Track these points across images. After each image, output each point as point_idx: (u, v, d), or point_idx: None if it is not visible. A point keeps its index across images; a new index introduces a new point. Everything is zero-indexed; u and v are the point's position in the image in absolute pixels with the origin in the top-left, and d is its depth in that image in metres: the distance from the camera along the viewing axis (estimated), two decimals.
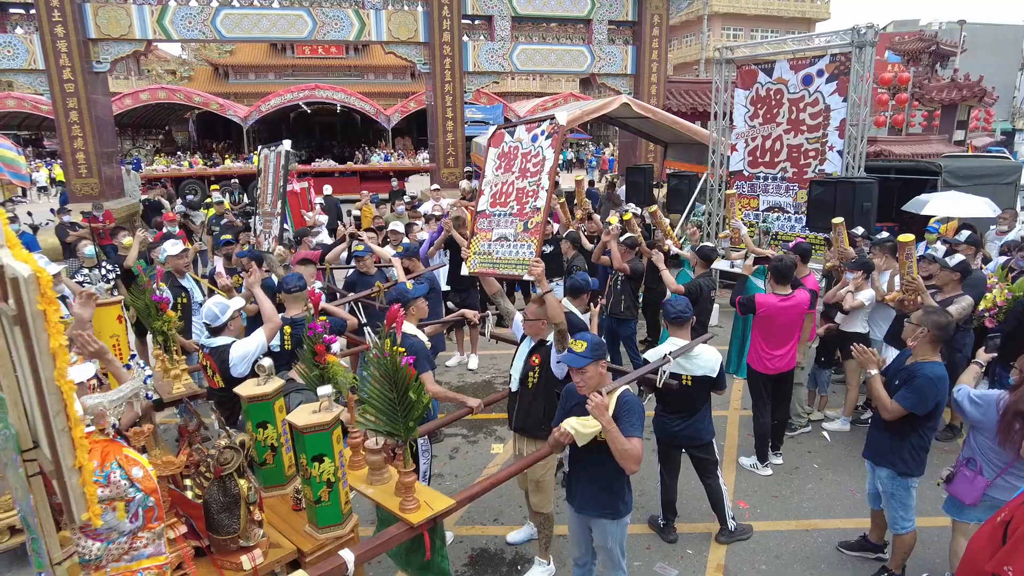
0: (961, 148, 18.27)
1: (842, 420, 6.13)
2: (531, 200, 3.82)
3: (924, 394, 3.62)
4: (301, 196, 10.58)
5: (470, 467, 5.56)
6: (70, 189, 14.19)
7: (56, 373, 1.81)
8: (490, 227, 4.09)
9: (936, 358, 3.73)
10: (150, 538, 2.40)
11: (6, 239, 1.86)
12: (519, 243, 3.89)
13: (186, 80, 37.94)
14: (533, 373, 3.96)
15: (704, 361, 4.18)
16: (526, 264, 3.76)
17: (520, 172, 3.91)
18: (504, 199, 4.00)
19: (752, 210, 10.21)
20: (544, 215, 3.75)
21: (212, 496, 2.66)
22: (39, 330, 1.77)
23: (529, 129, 3.90)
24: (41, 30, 13.15)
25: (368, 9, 14.61)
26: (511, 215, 3.95)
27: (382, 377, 2.96)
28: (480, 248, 4.16)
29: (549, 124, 3.76)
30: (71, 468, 1.89)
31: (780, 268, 5.09)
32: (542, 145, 3.79)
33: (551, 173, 3.72)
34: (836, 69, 8.87)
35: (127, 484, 2.30)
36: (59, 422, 1.84)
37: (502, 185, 4.02)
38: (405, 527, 3.02)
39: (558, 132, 3.71)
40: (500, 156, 4.06)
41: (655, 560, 4.33)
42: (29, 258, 1.82)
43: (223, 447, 2.65)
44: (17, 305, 1.75)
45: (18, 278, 1.73)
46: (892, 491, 3.89)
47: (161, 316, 4.78)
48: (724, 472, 5.24)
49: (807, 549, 4.44)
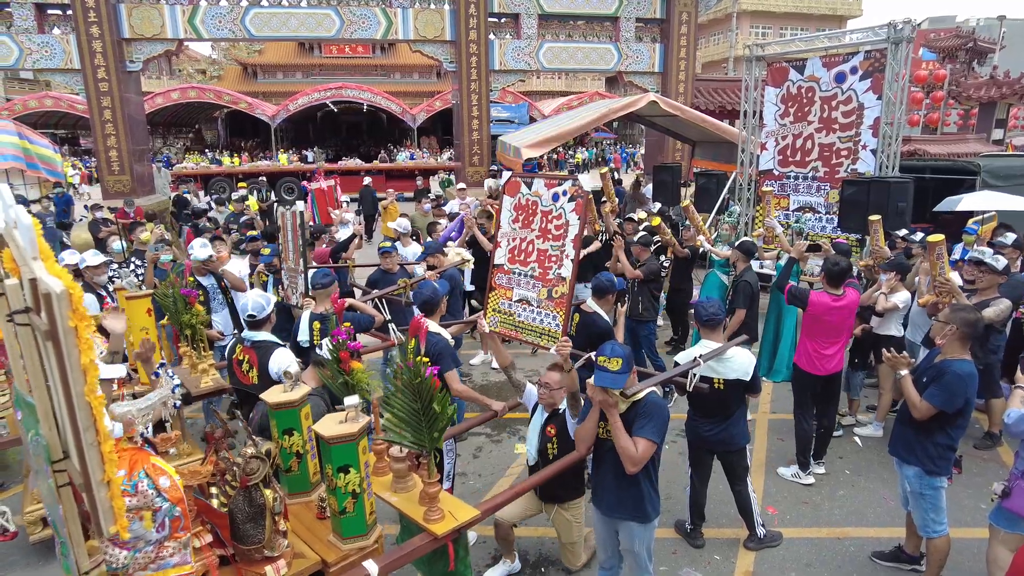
0: (1000, 147, 17.77)
1: (875, 425, 5.97)
2: (555, 267, 3.75)
3: (953, 391, 3.55)
4: (328, 194, 10.64)
5: (494, 466, 5.53)
6: (103, 186, 14.49)
7: (87, 388, 1.82)
8: (510, 284, 4.03)
9: (965, 356, 3.64)
10: (176, 547, 2.40)
11: (40, 251, 1.87)
12: (543, 311, 3.84)
13: (216, 79, 38.55)
14: (551, 444, 3.87)
15: (737, 364, 4.07)
16: (552, 336, 3.75)
17: (541, 232, 3.81)
18: (524, 257, 3.92)
19: (783, 210, 10.03)
20: (571, 287, 3.70)
21: (237, 506, 2.66)
22: (70, 346, 1.78)
23: (549, 185, 3.78)
24: (77, 30, 13.44)
25: (395, 7, 14.67)
26: (532, 277, 3.88)
27: (406, 388, 2.94)
28: (500, 307, 4.12)
29: (572, 186, 3.65)
30: (100, 482, 1.89)
31: (835, 272, 4.93)
32: (564, 207, 3.68)
33: (576, 242, 3.64)
34: (870, 66, 8.67)
35: (154, 494, 2.30)
36: (88, 436, 1.85)
37: (520, 241, 3.93)
38: (429, 538, 2.99)
39: (582, 197, 3.59)
40: (517, 208, 3.96)
41: (681, 565, 4.26)
42: (63, 273, 1.83)
43: (249, 456, 2.64)
44: (49, 320, 1.76)
45: (51, 293, 1.74)
46: (921, 491, 3.79)
47: (189, 310, 4.83)
48: (754, 477, 5.15)
49: (838, 558, 4.33)
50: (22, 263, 1.94)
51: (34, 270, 1.86)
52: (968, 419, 3.79)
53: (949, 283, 5.07)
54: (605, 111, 12.31)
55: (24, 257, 1.91)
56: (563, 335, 3.71)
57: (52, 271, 1.86)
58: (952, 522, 4.19)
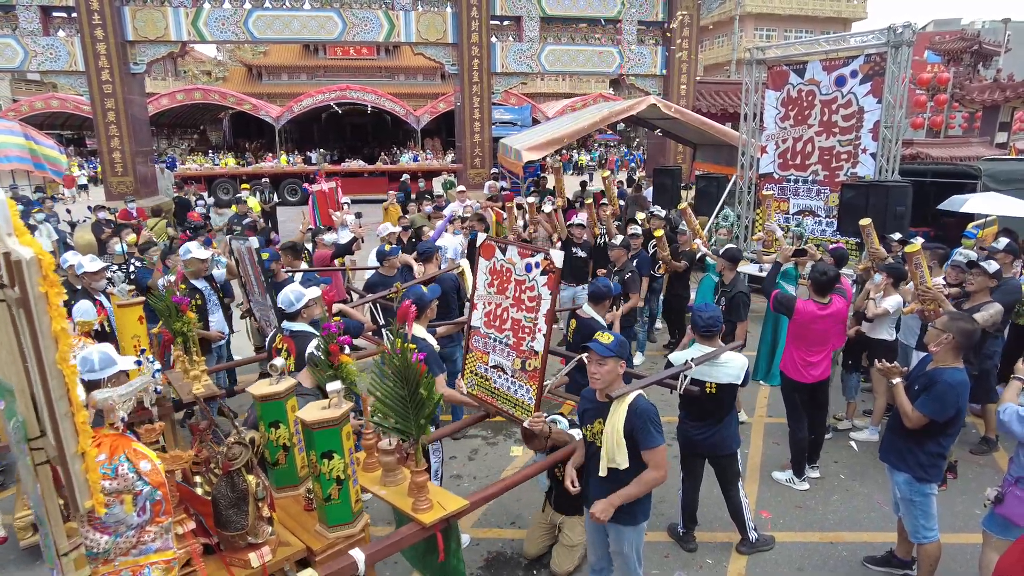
0: (1003, 151, 17.70)
1: (870, 430, 5.95)
2: (528, 338, 3.76)
3: (943, 400, 3.54)
4: (329, 195, 10.69)
5: (489, 468, 5.54)
6: (107, 186, 14.57)
7: (58, 356, 1.82)
8: (485, 349, 4.05)
9: (958, 364, 3.62)
10: (157, 532, 2.41)
11: (14, 228, 1.87)
12: (517, 382, 3.87)
13: (220, 81, 38.71)
14: (558, 467, 3.95)
15: (731, 368, 4.06)
16: (525, 408, 3.80)
17: (515, 300, 3.82)
18: (499, 323, 3.94)
19: (783, 213, 10.03)
20: (543, 362, 3.71)
21: (220, 492, 2.66)
22: (41, 312, 1.78)
23: (522, 254, 3.77)
24: (82, 33, 13.54)
25: (398, 10, 14.71)
26: (507, 345, 3.90)
27: (393, 374, 2.96)
28: (476, 369, 4.15)
29: (544, 259, 3.63)
30: (74, 454, 1.89)
31: (822, 281, 4.89)
32: (537, 280, 3.67)
33: (548, 317, 3.64)
34: (871, 70, 8.67)
35: (135, 477, 2.30)
36: (61, 406, 1.85)
37: (495, 307, 3.95)
38: (417, 527, 3.01)
39: (553, 272, 3.58)
40: (492, 272, 3.96)
41: (673, 569, 4.25)
42: (33, 242, 1.83)
43: (231, 443, 2.66)
44: (20, 288, 1.76)
45: (20, 260, 1.75)
46: (911, 497, 3.78)
47: (181, 317, 4.84)
48: (747, 481, 5.14)
49: (831, 562, 4.32)
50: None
51: (8, 244, 1.85)
52: (959, 427, 3.78)
53: (931, 291, 5.07)
54: (606, 114, 12.33)
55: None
56: (535, 410, 3.77)
57: (24, 242, 1.86)
58: (945, 528, 4.19)
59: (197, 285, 5.93)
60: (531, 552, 4.25)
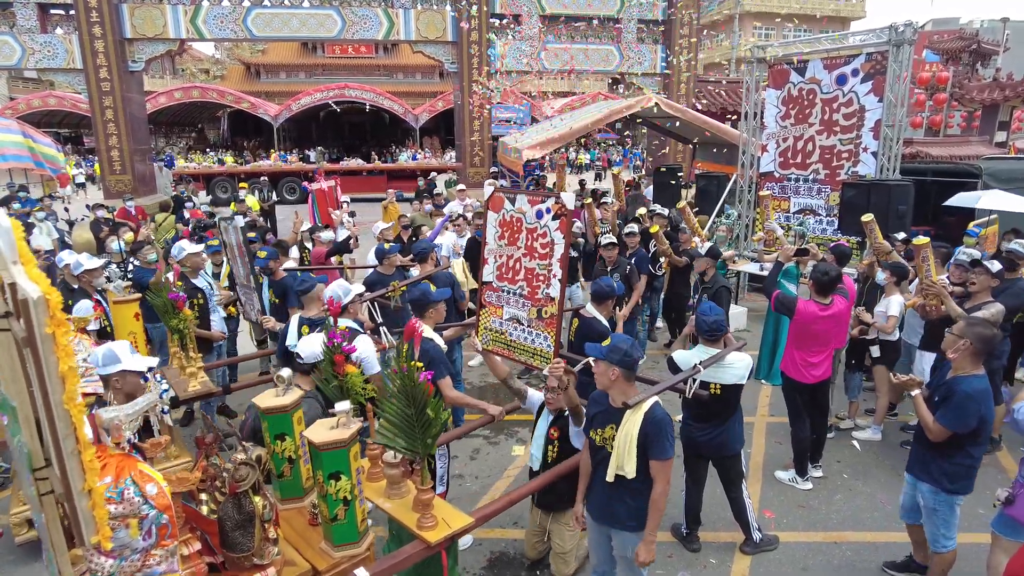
0: (1003, 150, 17.72)
1: (873, 429, 5.95)
2: (543, 286, 3.72)
3: (963, 411, 3.43)
4: (329, 194, 10.65)
5: (491, 468, 5.52)
6: (105, 185, 14.52)
7: (65, 396, 1.79)
8: (499, 303, 4.00)
9: (977, 371, 3.51)
10: (163, 556, 2.38)
11: (20, 255, 1.84)
12: (534, 331, 3.82)
13: (219, 79, 38.61)
14: (552, 447, 3.88)
15: (736, 369, 4.03)
16: (544, 356, 3.75)
17: (527, 249, 3.78)
18: (512, 275, 3.89)
19: (783, 212, 10.02)
20: (560, 307, 3.67)
21: (227, 513, 2.63)
22: (48, 353, 1.75)
23: (532, 202, 3.73)
24: (80, 30, 13.48)
25: (397, 8, 14.68)
26: (521, 296, 3.85)
27: (399, 393, 2.91)
28: (491, 324, 4.09)
29: (555, 203, 3.60)
30: (80, 491, 1.87)
31: (824, 281, 4.86)
32: (549, 226, 3.64)
33: (562, 261, 3.60)
34: (872, 68, 8.64)
35: (141, 501, 2.27)
36: (68, 445, 1.82)
37: (507, 258, 3.90)
38: (422, 546, 2.96)
39: (566, 215, 3.56)
40: (501, 224, 3.91)
41: (677, 569, 4.24)
42: (40, 277, 1.79)
43: (239, 462, 2.61)
44: (27, 327, 1.73)
45: (28, 299, 1.70)
46: (935, 507, 3.69)
47: (178, 314, 4.82)
48: (750, 480, 5.13)
49: (835, 562, 4.31)
50: (1, 267, 1.88)
51: (13, 274, 1.82)
52: (988, 435, 3.66)
53: (935, 286, 5.03)
54: (607, 113, 12.31)
55: (3, 261, 1.86)
56: (555, 355, 3.70)
57: (31, 276, 1.82)
58: None
59: (198, 284, 5.89)
60: (531, 555, 4.22)
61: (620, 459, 3.11)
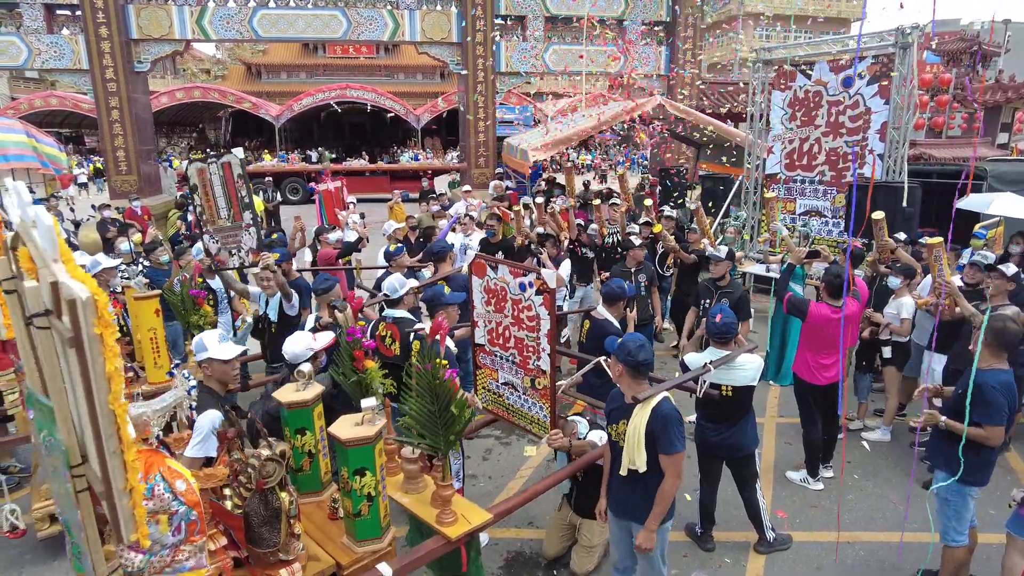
0: (1005, 151, 17.77)
1: (882, 430, 5.98)
2: (533, 358, 3.73)
3: (993, 403, 3.47)
4: (335, 195, 10.67)
5: (503, 468, 5.55)
6: (111, 185, 14.55)
7: (111, 397, 1.79)
8: (494, 366, 4.05)
9: (1001, 365, 3.57)
10: (192, 551, 2.40)
11: (61, 253, 1.85)
12: (529, 399, 3.87)
13: (220, 79, 38.59)
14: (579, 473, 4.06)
15: (747, 370, 4.07)
16: (542, 426, 3.84)
17: (514, 319, 3.77)
18: (503, 341, 3.91)
19: (789, 213, 10.05)
20: (552, 380, 3.70)
21: (253, 509, 2.65)
22: (95, 354, 1.75)
23: (514, 274, 3.71)
24: (86, 31, 13.49)
25: (402, 9, 14.70)
26: (514, 363, 3.88)
27: (423, 390, 2.94)
28: (488, 386, 4.15)
29: (536, 279, 3.57)
30: (121, 490, 1.88)
31: (836, 283, 4.89)
32: (533, 300, 3.62)
33: (550, 337, 3.62)
34: (878, 71, 8.68)
35: (171, 497, 2.30)
36: (111, 444, 1.83)
37: (496, 324, 3.91)
38: (442, 541, 3.01)
39: (548, 291, 3.55)
40: (486, 291, 3.91)
41: (692, 568, 4.28)
42: (86, 277, 1.79)
43: (265, 459, 2.63)
44: (73, 327, 1.71)
45: (76, 300, 1.69)
46: (948, 496, 3.71)
47: (198, 311, 4.85)
48: (763, 480, 5.15)
49: (848, 561, 4.34)
50: (42, 265, 1.90)
51: (55, 273, 1.82)
52: (1008, 429, 3.68)
53: (949, 285, 5.06)
54: (612, 114, 12.34)
55: (44, 258, 1.87)
56: (552, 427, 3.79)
57: (75, 275, 1.82)
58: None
59: (212, 285, 5.93)
60: (550, 553, 4.26)
61: (631, 453, 3.17)
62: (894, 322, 5.61)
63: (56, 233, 1.91)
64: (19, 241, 2.09)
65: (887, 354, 5.76)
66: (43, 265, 1.89)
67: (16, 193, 1.97)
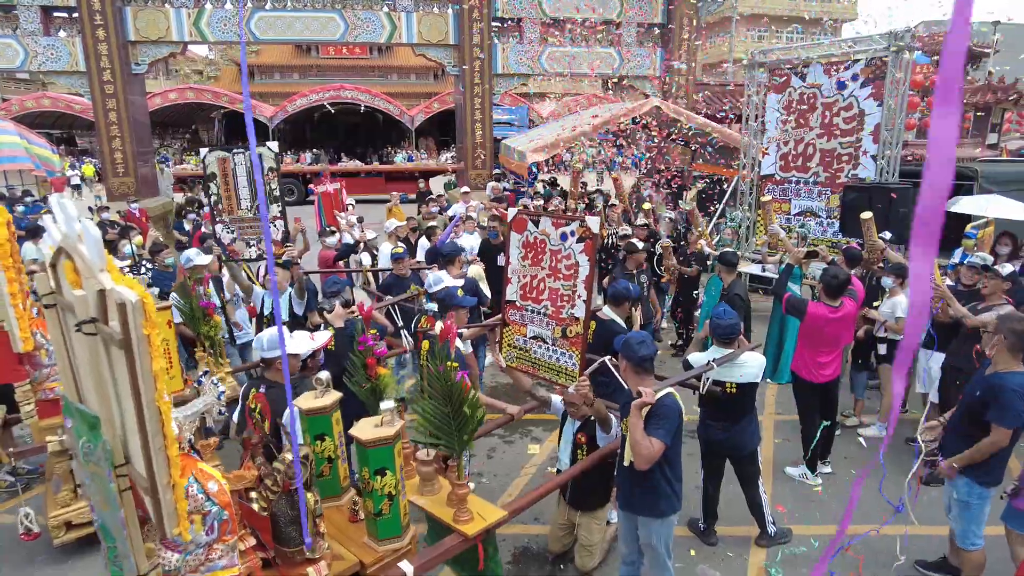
0: (995, 152, 17.98)
1: (878, 426, 6.11)
2: (567, 306, 3.80)
3: (1013, 407, 3.45)
4: (335, 196, 10.74)
5: (508, 467, 5.64)
6: (108, 187, 14.54)
7: (157, 395, 1.89)
8: (523, 321, 4.09)
9: (1018, 367, 3.54)
10: (224, 550, 2.50)
11: (106, 264, 1.95)
12: (559, 349, 3.91)
13: (212, 80, 38.46)
14: (581, 451, 4.04)
15: (750, 368, 4.19)
16: (570, 375, 3.85)
17: (551, 271, 3.84)
18: (536, 294, 3.97)
19: (784, 214, 10.19)
20: (585, 327, 3.76)
21: (280, 509, 2.75)
22: (143, 353, 1.86)
23: (556, 225, 3.79)
24: (83, 33, 13.47)
25: (400, 11, 14.75)
26: (545, 315, 3.93)
27: (436, 392, 3.01)
28: (515, 342, 4.19)
29: (580, 227, 3.66)
30: (166, 485, 1.98)
31: (834, 284, 4.99)
32: (574, 248, 3.70)
33: (587, 283, 3.69)
34: (872, 73, 8.83)
35: (204, 498, 2.40)
36: (157, 441, 1.93)
37: (531, 278, 3.97)
38: (460, 539, 3.10)
39: (591, 238, 3.62)
40: (525, 245, 3.98)
41: (696, 562, 4.38)
42: (133, 283, 1.90)
43: (290, 462, 2.72)
44: (123, 328, 1.83)
45: (126, 303, 1.81)
46: (968, 500, 3.72)
47: (208, 321, 4.89)
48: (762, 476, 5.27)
49: (847, 554, 4.46)
50: (88, 275, 1.99)
51: (102, 281, 1.93)
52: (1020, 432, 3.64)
53: (940, 288, 5.17)
54: (609, 116, 12.44)
55: (91, 269, 1.97)
56: (580, 375, 3.82)
57: (121, 281, 1.94)
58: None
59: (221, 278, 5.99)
60: (555, 549, 4.35)
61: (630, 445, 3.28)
62: (889, 320, 5.73)
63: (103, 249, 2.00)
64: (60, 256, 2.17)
65: (882, 351, 5.89)
66: (90, 276, 1.98)
67: (62, 209, 2.04)
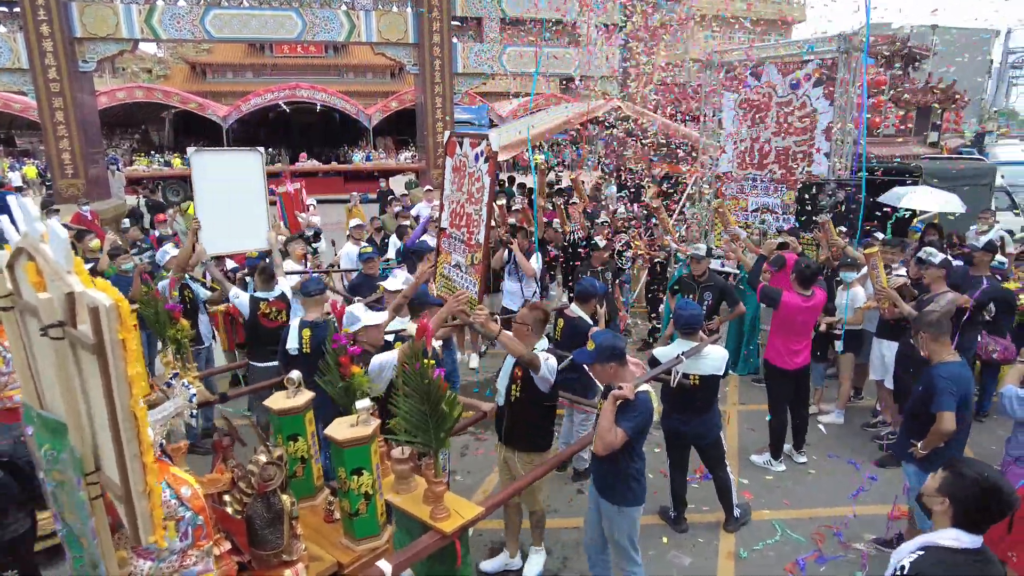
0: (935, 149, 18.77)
1: (836, 413, 6.37)
2: (476, 232, 3.80)
3: (941, 391, 3.72)
4: (295, 197, 10.59)
5: (480, 464, 5.66)
6: (56, 189, 14.00)
7: (132, 401, 1.83)
8: (450, 248, 4.08)
9: (948, 357, 3.85)
10: (199, 556, 2.43)
11: (74, 266, 1.88)
12: (468, 277, 3.91)
13: (162, 79, 37.36)
14: (516, 386, 3.97)
15: (712, 360, 4.33)
16: (473, 303, 3.84)
17: (468, 195, 3.83)
18: (458, 221, 3.97)
19: (742, 211, 10.46)
20: (485, 254, 3.73)
21: (256, 512, 2.69)
22: (117, 358, 1.78)
23: (473, 144, 3.77)
24: (26, 29, 12.94)
25: (358, 10, 14.61)
26: (462, 241, 3.93)
27: (413, 391, 2.99)
28: (443, 271, 4.18)
29: (486, 145, 3.64)
30: (141, 493, 1.91)
31: (805, 273, 5.21)
32: (481, 168, 3.68)
33: (488, 204, 3.67)
34: (823, 74, 9.14)
35: (177, 504, 2.32)
36: (132, 448, 1.86)
37: (457, 204, 3.96)
38: (437, 536, 3.07)
39: (492, 157, 3.61)
40: (454, 170, 3.95)
41: (668, 549, 4.50)
42: (106, 286, 1.83)
43: (264, 463, 2.67)
44: (95, 333, 1.76)
45: (99, 307, 1.74)
46: (917, 486, 3.87)
47: (175, 324, 4.78)
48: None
49: (808, 535, 4.65)
50: (54, 277, 1.92)
51: (71, 284, 1.86)
52: (967, 421, 3.91)
53: (885, 291, 5.38)
54: (571, 116, 12.54)
55: (58, 271, 1.90)
56: (479, 301, 3.77)
57: (95, 284, 1.87)
58: None
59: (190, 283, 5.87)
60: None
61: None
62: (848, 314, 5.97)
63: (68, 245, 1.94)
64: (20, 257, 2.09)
65: (839, 348, 6.14)
66: (55, 277, 1.91)
67: (23, 209, 1.97)
